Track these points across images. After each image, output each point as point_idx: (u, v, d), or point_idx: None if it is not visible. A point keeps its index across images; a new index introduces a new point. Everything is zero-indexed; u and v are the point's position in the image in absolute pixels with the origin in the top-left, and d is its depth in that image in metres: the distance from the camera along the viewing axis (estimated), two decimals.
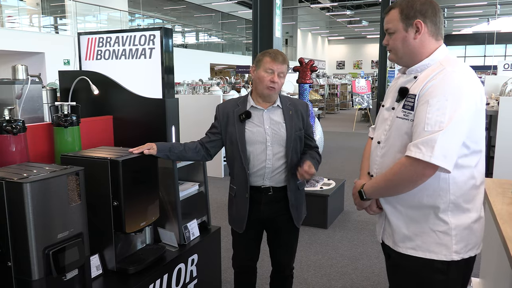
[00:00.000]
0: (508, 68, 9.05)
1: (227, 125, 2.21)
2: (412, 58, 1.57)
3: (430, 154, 1.38)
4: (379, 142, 1.65)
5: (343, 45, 37.42)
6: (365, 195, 1.62)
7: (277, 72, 2.11)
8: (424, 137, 1.40)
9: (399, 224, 1.59)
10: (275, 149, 2.15)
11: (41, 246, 1.63)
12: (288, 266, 2.40)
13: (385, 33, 1.62)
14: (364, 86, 12.90)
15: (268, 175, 2.17)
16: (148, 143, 2.16)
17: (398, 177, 1.48)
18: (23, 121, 2.06)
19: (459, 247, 1.52)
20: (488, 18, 24.40)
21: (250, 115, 2.16)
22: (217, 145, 2.26)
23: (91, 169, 1.96)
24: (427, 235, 1.54)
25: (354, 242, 4.07)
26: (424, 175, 1.43)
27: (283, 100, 2.23)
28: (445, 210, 1.51)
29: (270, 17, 4.86)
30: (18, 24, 13.20)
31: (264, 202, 2.20)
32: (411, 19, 1.52)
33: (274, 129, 2.16)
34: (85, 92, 2.73)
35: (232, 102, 2.29)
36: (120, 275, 2.14)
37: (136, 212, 2.10)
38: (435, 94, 1.42)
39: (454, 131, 1.39)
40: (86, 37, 3.02)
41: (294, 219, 2.24)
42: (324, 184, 4.74)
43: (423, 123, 1.41)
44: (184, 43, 22.13)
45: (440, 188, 1.50)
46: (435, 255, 1.53)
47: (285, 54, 2.23)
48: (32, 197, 1.59)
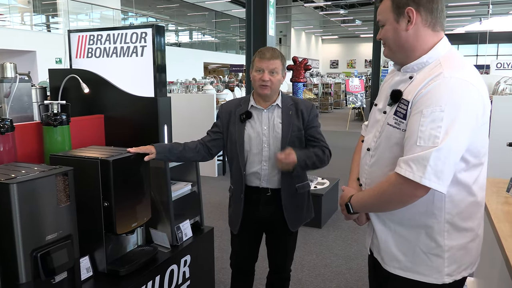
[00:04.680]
0: (500, 67, 9.10)
1: (228, 124, 2.18)
2: (406, 54, 1.38)
3: (421, 174, 1.22)
4: (369, 149, 1.50)
5: (336, 44, 37.47)
6: (352, 209, 1.49)
7: (268, 69, 2.06)
8: (415, 153, 1.24)
9: (388, 242, 1.45)
10: (272, 150, 2.10)
11: (28, 249, 1.59)
12: (285, 268, 2.37)
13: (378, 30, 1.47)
14: (358, 85, 12.91)
15: (265, 177, 2.12)
16: (147, 146, 2.07)
17: (386, 195, 1.34)
18: (11, 120, 2.02)
19: (451, 269, 1.38)
20: (481, 18, 24.55)
21: (251, 115, 2.13)
22: (218, 144, 2.22)
23: (81, 169, 1.92)
24: (417, 256, 1.40)
25: (348, 241, 4.06)
26: (414, 196, 1.28)
27: (284, 100, 2.17)
28: (439, 231, 1.36)
29: (264, 15, 4.83)
30: (9, 22, 13.04)
31: (262, 202, 2.16)
32: (402, 8, 1.34)
33: (271, 129, 2.12)
34: (75, 90, 2.68)
35: (235, 101, 2.26)
36: (111, 277, 2.10)
37: (127, 212, 2.06)
38: (430, 103, 1.24)
39: (450, 148, 1.22)
40: (77, 35, 2.97)
41: (289, 222, 2.17)
42: (318, 183, 4.72)
43: (416, 136, 1.25)
44: (177, 42, 22.03)
45: (434, 207, 1.35)
46: (425, 278, 1.40)
47: (278, 49, 2.17)
48: (20, 198, 1.55)
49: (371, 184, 1.48)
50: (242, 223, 2.19)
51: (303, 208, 2.26)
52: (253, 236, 2.29)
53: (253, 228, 2.25)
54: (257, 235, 2.31)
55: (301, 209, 2.24)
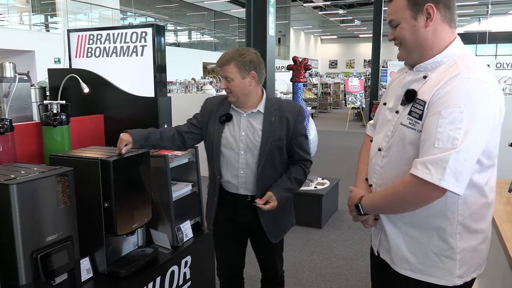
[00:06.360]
0: (500, 67, 9.09)
1: (208, 122, 2.07)
2: (423, 52, 1.34)
3: (439, 176, 1.20)
4: (380, 149, 1.46)
5: (335, 44, 37.47)
6: (363, 210, 1.46)
7: (223, 77, 1.94)
8: (434, 154, 1.21)
9: (399, 243, 1.43)
10: (248, 158, 1.99)
11: (28, 250, 1.57)
12: (276, 272, 2.26)
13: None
14: (357, 85, 12.91)
15: (243, 184, 2.02)
16: (125, 134, 1.97)
17: (400, 197, 1.32)
18: (11, 120, 2.00)
19: (462, 271, 1.38)
20: (479, 18, 24.55)
21: (231, 118, 2.01)
22: (195, 138, 2.12)
23: (81, 169, 1.90)
24: (428, 258, 1.38)
25: (349, 242, 4.04)
26: (430, 198, 1.26)
27: (268, 104, 2.01)
28: (451, 233, 1.34)
29: (264, 15, 4.81)
30: (8, 22, 13.01)
31: (241, 207, 2.06)
32: (420, 4, 1.30)
33: (249, 136, 1.98)
34: (75, 90, 2.67)
35: (219, 99, 2.12)
36: (112, 278, 2.08)
37: (127, 213, 2.04)
38: (448, 104, 1.22)
39: (469, 150, 1.20)
40: (76, 34, 2.96)
41: (267, 232, 2.05)
42: (318, 183, 4.71)
43: (433, 137, 1.23)
44: (176, 42, 21.99)
45: (447, 209, 1.33)
46: (436, 280, 1.38)
47: (234, 52, 1.93)
48: (19, 199, 1.53)
49: (382, 185, 1.45)
50: (223, 228, 2.14)
51: (283, 218, 2.13)
52: (237, 243, 2.20)
53: (236, 235, 2.17)
54: (241, 241, 2.22)
55: (280, 217, 2.10)
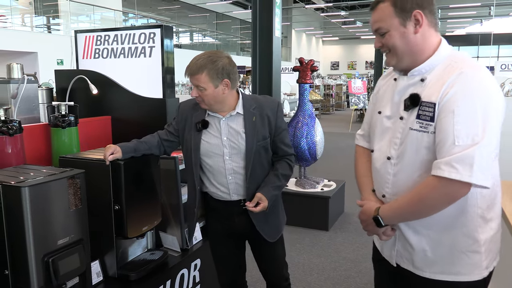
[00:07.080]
0: (505, 69, 9.05)
1: (184, 130, 2.00)
2: (414, 57, 1.36)
3: (469, 173, 1.20)
4: (390, 158, 1.43)
5: (337, 46, 37.44)
6: (384, 221, 1.40)
7: (194, 86, 1.86)
8: (456, 153, 1.22)
9: (425, 249, 1.40)
10: (234, 162, 1.93)
11: (40, 253, 1.55)
12: (280, 277, 2.19)
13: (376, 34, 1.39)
14: (360, 87, 12.90)
15: (234, 190, 1.97)
16: (113, 146, 1.90)
17: (428, 200, 1.30)
18: (20, 121, 1.98)
19: (487, 262, 1.39)
20: (481, 19, 24.53)
21: (207, 125, 1.93)
22: (173, 146, 2.08)
23: (91, 171, 1.87)
24: (456, 257, 1.38)
25: (356, 244, 4.01)
26: (459, 195, 1.27)
27: (246, 104, 1.94)
28: (474, 227, 1.36)
29: (270, 16, 4.79)
30: (10, 24, 13.02)
31: (237, 213, 2.00)
32: (408, 11, 1.31)
33: (233, 140, 1.92)
34: (82, 91, 2.65)
35: (192, 103, 2.01)
36: (122, 281, 2.06)
37: (138, 216, 2.01)
38: (461, 102, 1.24)
39: (490, 142, 1.23)
40: (84, 35, 2.94)
41: (264, 234, 2.01)
42: (325, 185, 4.68)
43: (452, 136, 1.23)
44: (178, 43, 21.98)
45: (468, 204, 1.34)
46: (467, 277, 1.38)
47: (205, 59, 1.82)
48: (31, 202, 1.51)
49: (397, 193, 1.42)
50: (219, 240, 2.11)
51: (276, 213, 2.08)
52: (236, 250, 2.16)
53: (233, 244, 2.13)
54: (239, 247, 2.17)
55: (273, 216, 2.05)
